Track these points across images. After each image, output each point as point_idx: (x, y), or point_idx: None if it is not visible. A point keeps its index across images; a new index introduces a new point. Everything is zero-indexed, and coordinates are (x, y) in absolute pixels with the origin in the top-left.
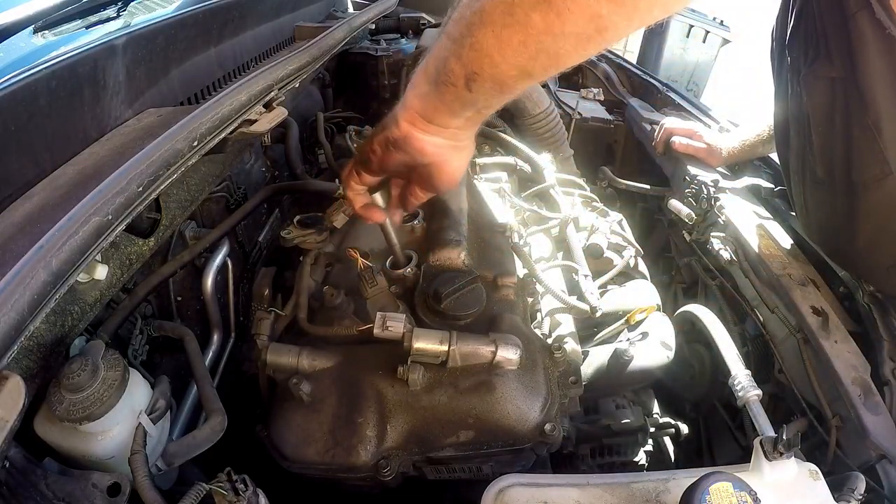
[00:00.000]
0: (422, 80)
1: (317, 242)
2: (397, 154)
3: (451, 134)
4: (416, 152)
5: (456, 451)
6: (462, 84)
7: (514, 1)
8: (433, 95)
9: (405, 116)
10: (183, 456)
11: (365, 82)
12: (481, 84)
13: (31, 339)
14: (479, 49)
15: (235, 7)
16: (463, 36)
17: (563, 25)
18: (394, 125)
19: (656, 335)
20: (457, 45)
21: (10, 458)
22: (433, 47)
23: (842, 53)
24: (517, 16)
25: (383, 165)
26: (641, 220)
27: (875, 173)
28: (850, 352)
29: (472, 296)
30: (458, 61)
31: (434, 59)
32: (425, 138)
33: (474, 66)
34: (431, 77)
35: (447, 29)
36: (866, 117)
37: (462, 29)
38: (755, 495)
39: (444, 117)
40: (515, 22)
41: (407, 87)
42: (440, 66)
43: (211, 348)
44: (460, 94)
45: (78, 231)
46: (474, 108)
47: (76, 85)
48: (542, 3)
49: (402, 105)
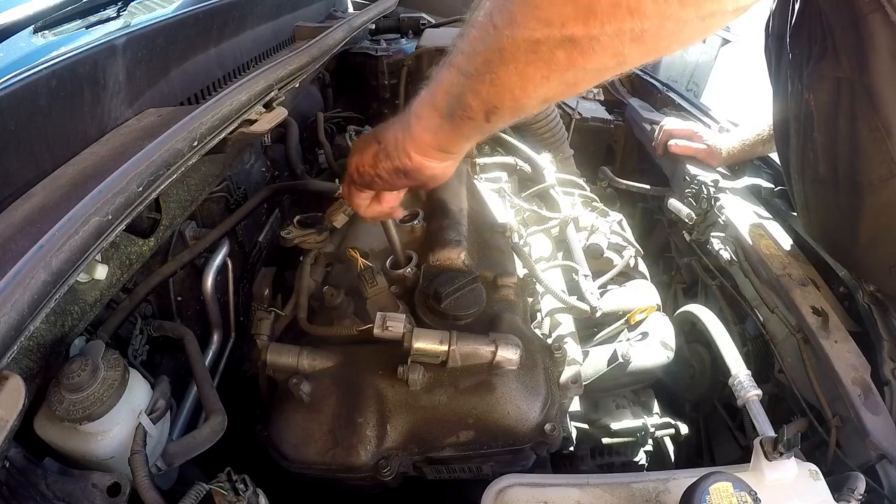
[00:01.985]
0: (431, 114)
1: (317, 242)
2: (407, 181)
3: (460, 154)
4: (428, 178)
5: (456, 451)
6: (481, 118)
7: (538, 39)
8: (448, 129)
9: (416, 149)
10: (183, 456)
11: (365, 82)
12: (501, 116)
13: (31, 339)
14: (501, 85)
15: (235, 7)
16: (480, 73)
17: (585, 63)
18: (404, 156)
19: (656, 335)
20: (473, 81)
21: (10, 458)
22: (440, 79)
23: (850, 54)
24: (541, 53)
25: (389, 188)
26: (641, 220)
27: (882, 174)
28: (850, 352)
29: (472, 296)
30: (477, 97)
31: (445, 94)
32: (437, 165)
33: (495, 102)
34: (443, 111)
35: (456, 62)
36: (876, 118)
37: (478, 66)
38: (755, 495)
39: (458, 145)
40: (539, 59)
41: (411, 117)
42: (454, 101)
43: (211, 348)
44: (479, 126)
45: (78, 231)
46: (489, 132)
47: (76, 85)
48: (567, 42)
49: (411, 137)
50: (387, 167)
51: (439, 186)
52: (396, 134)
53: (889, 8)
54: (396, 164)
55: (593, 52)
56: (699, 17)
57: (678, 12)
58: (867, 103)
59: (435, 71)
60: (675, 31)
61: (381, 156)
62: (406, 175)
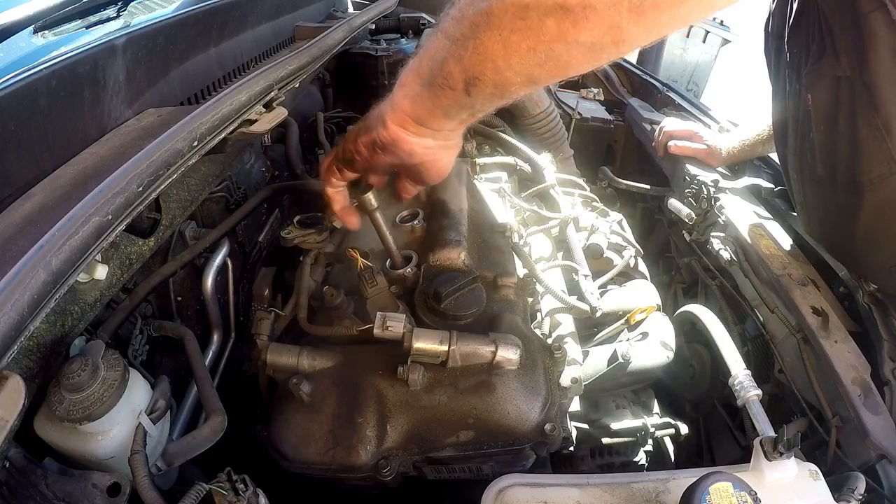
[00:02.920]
0: (413, 81)
1: (317, 242)
2: (385, 156)
3: (442, 135)
4: (405, 154)
5: (456, 451)
6: (461, 88)
7: (527, 4)
8: (427, 97)
9: (394, 118)
10: (183, 456)
11: (365, 82)
12: (482, 89)
13: (31, 339)
14: (483, 53)
15: (235, 7)
16: (465, 38)
17: (577, 34)
18: (381, 126)
19: (656, 335)
20: (457, 46)
21: (10, 458)
22: (427, 45)
23: (850, 52)
24: (529, 20)
25: (369, 166)
26: (641, 220)
27: (881, 172)
28: (850, 352)
29: (472, 296)
30: (459, 64)
31: (429, 59)
32: (415, 140)
33: (476, 71)
34: (425, 78)
35: (444, 26)
36: (875, 117)
37: (464, 30)
38: (755, 495)
39: (437, 120)
40: (527, 27)
41: (396, 86)
42: (436, 67)
43: (211, 348)
44: (458, 98)
45: (78, 231)
46: (470, 110)
47: (76, 85)
48: (558, 10)
49: (391, 105)
50: (365, 141)
51: (439, 186)
52: (379, 107)
53: (891, 6)
54: (373, 135)
55: (587, 22)
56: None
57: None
58: (867, 102)
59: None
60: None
61: (361, 130)
62: (382, 149)
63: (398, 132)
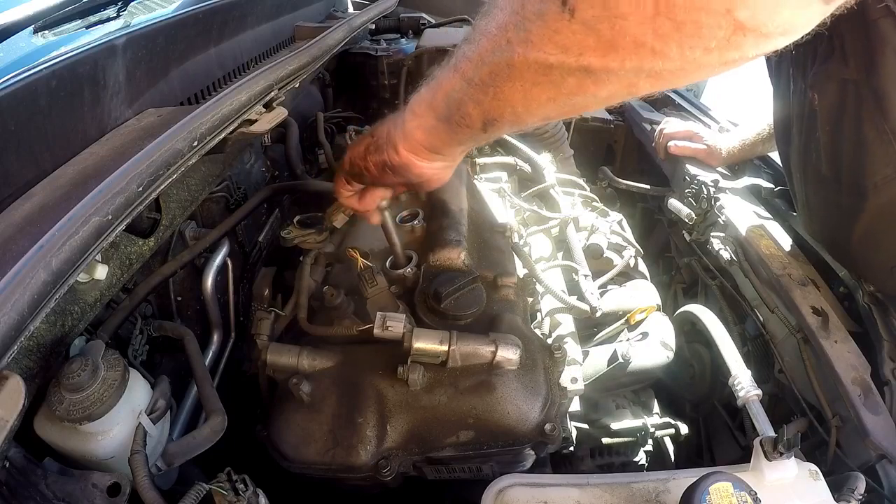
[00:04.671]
0: (427, 113)
1: (317, 242)
2: (394, 178)
3: (451, 158)
4: (415, 177)
5: (456, 451)
6: (479, 127)
7: (551, 64)
8: (443, 131)
9: (406, 146)
10: (183, 456)
11: (365, 82)
12: (499, 128)
13: (31, 339)
14: (503, 99)
15: (235, 7)
16: (485, 83)
17: (597, 91)
18: (392, 151)
19: (656, 335)
20: (476, 90)
21: (10, 458)
22: (442, 81)
23: (858, 56)
24: (552, 77)
25: (376, 183)
26: (641, 220)
27: (887, 174)
28: (850, 352)
29: (472, 296)
30: (478, 107)
31: (444, 96)
32: (426, 165)
33: (495, 114)
34: (441, 114)
35: (461, 67)
36: (882, 121)
37: (483, 76)
38: (755, 495)
39: (451, 148)
40: (548, 82)
41: (406, 113)
42: (454, 106)
43: (211, 348)
44: (475, 134)
45: (78, 231)
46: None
47: (76, 85)
48: (581, 71)
49: (403, 133)
50: (375, 160)
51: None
52: (389, 128)
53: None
54: (384, 157)
55: (607, 83)
56: (720, 63)
57: (701, 58)
58: (874, 106)
59: (437, 71)
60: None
61: (371, 148)
62: (393, 171)
63: (410, 158)
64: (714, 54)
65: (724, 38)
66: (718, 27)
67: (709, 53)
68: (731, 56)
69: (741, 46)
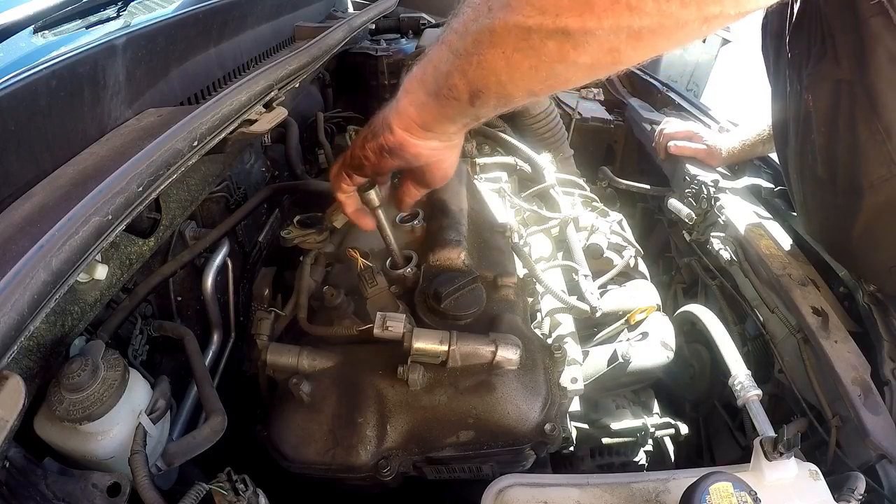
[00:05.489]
0: (418, 89)
1: (317, 242)
2: (392, 160)
3: (446, 137)
4: (412, 157)
5: (456, 451)
6: (466, 99)
7: (530, 27)
8: (433, 105)
9: (400, 124)
10: (183, 456)
11: (365, 82)
12: (486, 101)
13: (31, 339)
14: (487, 68)
15: (235, 7)
16: (469, 53)
17: (577, 56)
18: (387, 132)
19: (656, 335)
20: (461, 60)
21: (10, 458)
22: (431, 55)
23: (850, 56)
24: (531, 41)
25: (377, 170)
26: (641, 220)
27: (882, 174)
28: (850, 352)
29: (472, 296)
30: (463, 77)
31: (433, 70)
32: (421, 143)
33: (480, 85)
34: (430, 88)
35: (448, 39)
36: (876, 121)
37: (468, 45)
38: (755, 495)
39: (442, 125)
40: (529, 47)
41: (400, 92)
42: (441, 79)
43: (211, 348)
44: (463, 108)
45: (78, 231)
46: (475, 117)
47: (76, 85)
48: (559, 33)
49: (396, 111)
50: (373, 146)
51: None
52: (384, 112)
53: (892, 11)
54: (380, 140)
55: (587, 46)
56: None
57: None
58: (867, 105)
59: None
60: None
61: (369, 136)
62: (390, 153)
63: (404, 136)
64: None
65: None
66: None
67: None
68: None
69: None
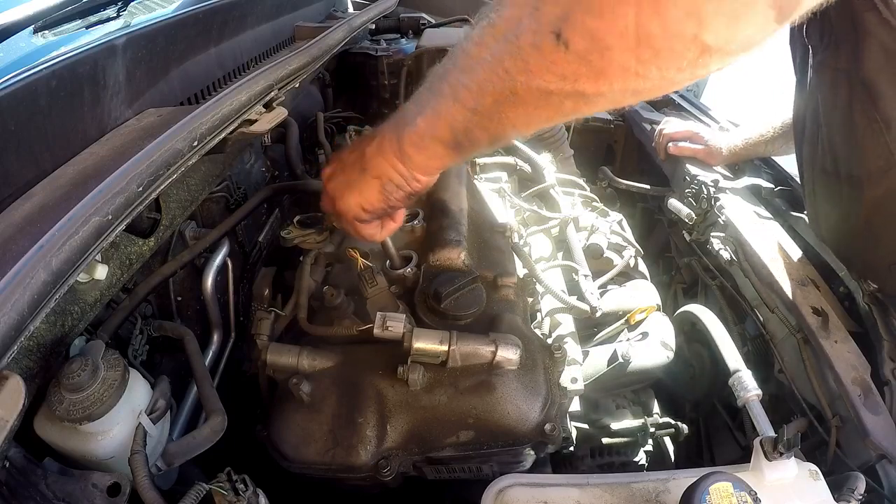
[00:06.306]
0: (434, 145)
1: (317, 242)
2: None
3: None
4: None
5: (456, 451)
6: (486, 145)
7: (551, 90)
8: (454, 155)
9: (427, 172)
10: (183, 456)
11: (365, 82)
12: (504, 142)
13: (31, 339)
14: (507, 122)
15: (235, 7)
16: (490, 112)
17: (590, 109)
18: (413, 182)
19: (656, 335)
20: (482, 118)
21: (10, 458)
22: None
23: (847, 46)
24: (551, 100)
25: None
26: (641, 220)
27: (880, 166)
28: (850, 352)
29: (472, 296)
30: (485, 131)
31: (449, 127)
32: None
33: (500, 133)
34: (449, 142)
35: (461, 97)
36: (874, 111)
37: (488, 105)
38: (755, 495)
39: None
40: (548, 104)
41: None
42: (461, 134)
43: (211, 348)
44: (482, 150)
45: (78, 231)
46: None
47: (76, 85)
48: (576, 95)
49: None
50: (399, 196)
51: (439, 186)
52: (397, 168)
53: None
54: (408, 189)
55: (598, 103)
56: (690, 77)
57: (676, 76)
58: (865, 95)
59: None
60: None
61: (389, 189)
62: (416, 192)
63: (431, 178)
64: (686, 72)
65: (694, 59)
66: (688, 50)
67: (681, 72)
68: (699, 72)
69: (707, 64)
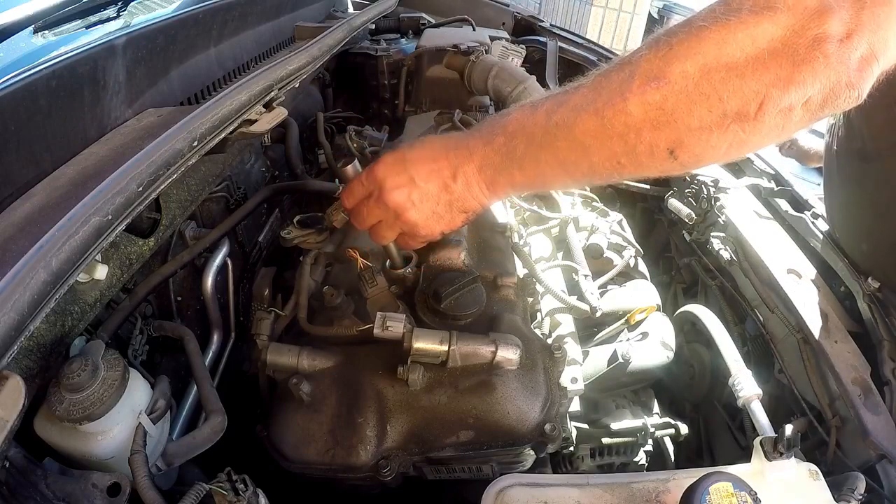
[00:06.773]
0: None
1: (317, 242)
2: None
3: None
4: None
5: (456, 451)
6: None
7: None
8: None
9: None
10: (183, 456)
11: (365, 82)
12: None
13: (31, 339)
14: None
15: (235, 7)
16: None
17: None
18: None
19: (656, 335)
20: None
21: (10, 458)
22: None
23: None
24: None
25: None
26: (641, 220)
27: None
28: (850, 352)
29: (472, 296)
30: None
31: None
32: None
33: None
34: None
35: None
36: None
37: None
38: (755, 495)
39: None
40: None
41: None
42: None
43: (211, 348)
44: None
45: (78, 231)
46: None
47: (76, 85)
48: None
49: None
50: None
51: None
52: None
53: None
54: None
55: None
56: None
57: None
58: None
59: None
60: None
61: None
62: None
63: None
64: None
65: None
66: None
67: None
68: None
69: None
